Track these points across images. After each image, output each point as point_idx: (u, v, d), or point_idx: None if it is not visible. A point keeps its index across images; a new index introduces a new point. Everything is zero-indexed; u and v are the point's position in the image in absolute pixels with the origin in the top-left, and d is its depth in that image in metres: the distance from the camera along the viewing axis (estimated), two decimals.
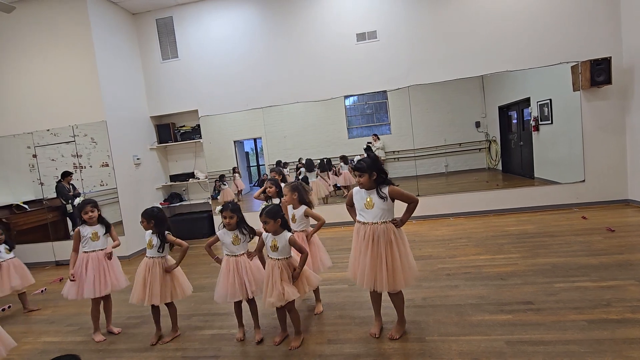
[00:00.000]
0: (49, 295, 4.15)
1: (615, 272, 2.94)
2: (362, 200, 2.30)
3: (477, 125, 6.30)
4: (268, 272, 2.39)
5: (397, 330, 2.38)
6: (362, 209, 2.31)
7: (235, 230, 2.52)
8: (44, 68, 5.32)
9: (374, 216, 2.25)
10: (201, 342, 2.64)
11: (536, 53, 5.12)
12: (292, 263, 2.42)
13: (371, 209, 2.26)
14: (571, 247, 3.62)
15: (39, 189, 5.65)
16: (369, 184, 2.26)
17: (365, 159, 2.28)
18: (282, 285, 2.31)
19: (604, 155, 5.07)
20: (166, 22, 6.08)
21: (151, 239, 2.67)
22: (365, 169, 2.24)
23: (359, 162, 2.28)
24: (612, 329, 2.18)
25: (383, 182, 2.27)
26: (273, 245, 2.37)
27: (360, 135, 6.75)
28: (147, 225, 2.67)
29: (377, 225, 2.24)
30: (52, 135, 5.48)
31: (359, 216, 2.35)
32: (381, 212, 2.24)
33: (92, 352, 2.68)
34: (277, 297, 2.28)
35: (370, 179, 2.25)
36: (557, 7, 5.05)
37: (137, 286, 2.64)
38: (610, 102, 5.00)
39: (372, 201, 2.26)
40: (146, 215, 2.68)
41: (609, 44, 4.92)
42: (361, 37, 5.62)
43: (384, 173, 2.28)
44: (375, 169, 2.25)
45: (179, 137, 6.34)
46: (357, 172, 2.28)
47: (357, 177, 2.29)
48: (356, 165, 2.28)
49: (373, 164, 2.26)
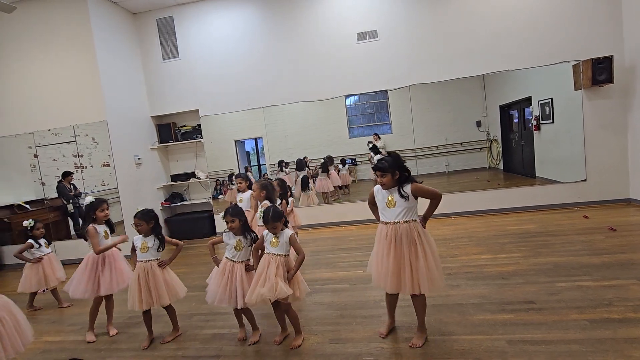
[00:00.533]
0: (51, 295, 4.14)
1: (617, 272, 2.94)
2: (383, 199, 2.22)
3: (478, 125, 6.30)
4: (263, 265, 2.34)
5: (419, 338, 2.25)
6: (383, 208, 2.23)
7: (240, 235, 2.49)
8: (45, 68, 5.33)
9: (396, 215, 2.17)
10: (202, 341, 2.64)
11: (537, 52, 5.11)
12: (289, 262, 2.40)
13: (393, 207, 2.17)
14: (573, 247, 3.61)
15: (40, 189, 5.66)
16: (391, 184, 2.16)
17: (387, 158, 2.17)
18: (276, 280, 2.26)
19: (606, 154, 5.06)
20: (167, 22, 6.08)
21: (145, 242, 2.61)
22: (388, 169, 2.14)
23: (380, 161, 2.17)
24: (614, 329, 2.17)
25: (406, 180, 2.17)
26: (274, 241, 2.37)
27: (361, 134, 6.74)
28: (145, 227, 2.60)
29: (400, 224, 2.16)
30: (53, 135, 5.48)
31: (381, 216, 2.27)
32: (404, 211, 2.15)
33: (94, 351, 2.69)
34: (268, 289, 2.22)
35: (393, 179, 2.15)
36: (558, 5, 5.03)
37: (136, 292, 2.56)
38: (612, 101, 4.98)
39: (394, 199, 2.17)
40: (145, 216, 2.61)
41: (610, 42, 4.90)
42: (362, 36, 5.61)
43: (406, 171, 2.18)
44: (397, 168, 2.15)
45: (180, 137, 6.34)
46: (379, 172, 2.18)
47: (378, 177, 2.19)
48: (377, 165, 2.18)
49: (395, 162, 2.15)
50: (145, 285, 2.57)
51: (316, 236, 5.26)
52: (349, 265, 3.89)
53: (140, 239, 2.65)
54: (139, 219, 2.61)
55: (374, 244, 2.32)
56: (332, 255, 4.30)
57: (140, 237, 2.65)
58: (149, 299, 2.58)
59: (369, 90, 5.80)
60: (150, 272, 2.60)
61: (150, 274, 2.59)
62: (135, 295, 2.56)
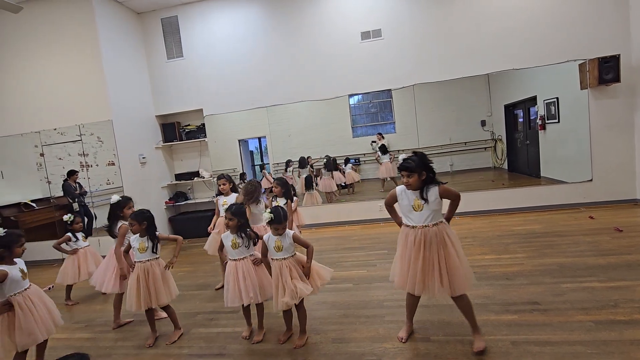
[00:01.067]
0: (57, 292, 4.19)
1: (624, 273, 2.91)
2: (408, 202, 2.13)
3: (483, 124, 6.26)
4: (276, 274, 2.34)
5: (480, 340, 2.13)
6: (409, 212, 2.14)
7: (235, 234, 2.50)
8: (50, 68, 5.37)
9: (425, 219, 2.08)
10: (206, 340, 2.66)
11: (543, 51, 5.07)
12: (300, 259, 2.41)
13: (420, 211, 2.09)
14: (578, 247, 3.59)
15: (46, 188, 5.72)
16: (417, 185, 2.08)
17: (413, 157, 2.08)
18: (293, 283, 2.28)
19: (612, 154, 5.01)
20: (171, 22, 6.10)
21: (142, 242, 2.61)
22: (415, 169, 2.05)
23: (406, 160, 2.09)
24: (619, 330, 2.16)
25: (431, 182, 2.08)
26: (277, 246, 2.36)
27: (365, 134, 6.73)
28: (138, 227, 2.58)
29: (429, 228, 2.08)
30: (59, 134, 5.53)
31: (405, 219, 2.17)
32: (432, 214, 2.08)
33: (99, 349, 2.71)
34: (290, 296, 2.26)
35: (419, 179, 2.07)
36: (564, 4, 4.98)
37: (135, 293, 2.57)
38: (618, 101, 4.93)
39: (421, 203, 2.08)
40: (138, 217, 2.58)
41: (617, 41, 4.85)
42: (366, 35, 5.59)
43: (432, 172, 2.09)
44: (424, 168, 2.06)
45: (184, 136, 6.37)
46: (405, 172, 2.08)
47: (404, 178, 2.11)
48: (404, 165, 2.09)
49: (422, 162, 2.06)
50: (144, 286, 2.58)
51: (319, 235, 5.27)
52: (352, 265, 3.89)
53: (137, 239, 2.64)
54: (132, 218, 2.59)
55: (397, 247, 2.24)
56: (335, 254, 4.30)
57: (137, 238, 2.64)
58: (147, 299, 2.58)
59: (372, 90, 5.78)
60: (150, 271, 2.60)
61: (150, 273, 2.60)
62: (134, 296, 2.57)
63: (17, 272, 2.27)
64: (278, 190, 3.59)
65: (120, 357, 2.57)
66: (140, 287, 2.57)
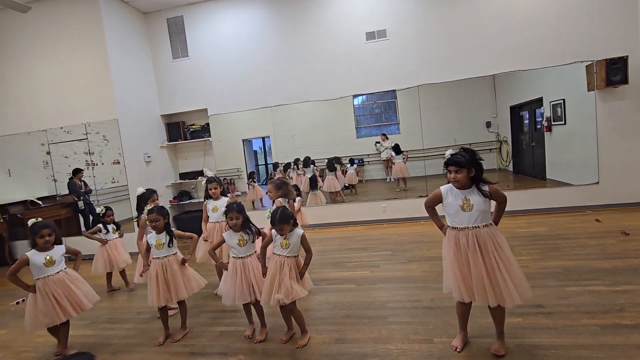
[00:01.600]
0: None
1: (630, 277, 2.88)
2: (456, 201, 2.01)
3: (488, 126, 6.22)
4: (275, 268, 2.35)
5: (502, 345, 2.10)
6: (456, 212, 2.01)
7: (241, 231, 2.51)
8: (57, 67, 5.42)
9: (474, 219, 1.97)
10: (209, 338, 2.67)
11: (549, 52, 5.03)
12: (298, 263, 2.42)
13: (470, 211, 1.97)
14: (584, 250, 3.55)
15: (52, 186, 5.77)
16: (464, 182, 1.99)
17: (463, 153, 1.99)
18: (290, 283, 2.29)
19: (619, 156, 4.96)
20: (177, 21, 6.13)
21: (159, 238, 2.66)
22: (465, 164, 1.95)
23: (456, 155, 1.99)
24: (625, 335, 2.13)
25: (479, 180, 1.99)
26: (284, 243, 2.36)
27: (369, 134, 6.72)
28: (162, 222, 2.65)
29: (480, 229, 1.96)
30: (66, 132, 5.58)
31: (450, 220, 2.05)
32: (481, 215, 1.97)
33: (104, 346, 2.73)
34: (285, 294, 2.27)
35: (468, 176, 1.97)
36: (571, 4, 4.94)
37: (154, 289, 2.61)
38: (626, 102, 4.88)
39: (471, 202, 1.97)
40: (161, 211, 2.67)
41: (625, 42, 4.79)
42: (370, 36, 5.59)
43: (481, 169, 2.00)
44: (474, 165, 1.97)
45: (189, 136, 6.40)
46: (454, 168, 1.98)
47: (451, 174, 2.00)
48: (453, 159, 1.98)
49: (472, 158, 1.97)
50: (163, 281, 2.61)
51: (323, 236, 5.26)
52: (356, 265, 3.88)
53: (154, 236, 2.68)
54: (156, 214, 2.64)
55: (445, 255, 2.11)
56: (338, 255, 4.30)
57: (154, 235, 2.68)
58: (167, 295, 2.62)
59: (377, 90, 5.77)
60: (169, 267, 2.64)
61: (168, 269, 2.64)
62: (154, 291, 2.61)
63: (40, 259, 2.52)
64: (273, 194, 3.20)
65: (124, 354, 2.58)
66: (159, 283, 2.61)
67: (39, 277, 2.51)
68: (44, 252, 2.56)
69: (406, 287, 3.17)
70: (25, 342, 2.94)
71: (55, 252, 2.59)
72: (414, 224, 5.30)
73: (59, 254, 2.61)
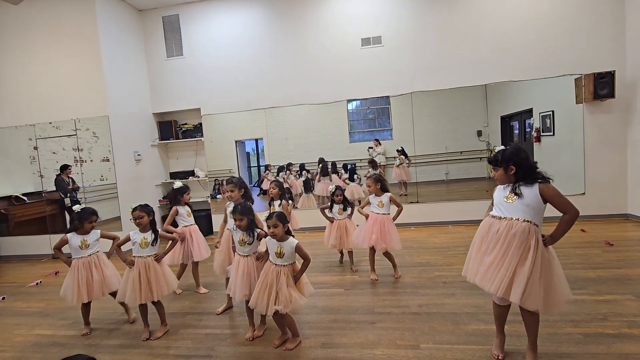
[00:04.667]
0: (44, 288, 4.13)
1: (613, 287, 2.93)
2: (503, 192, 1.98)
3: (479, 134, 6.30)
4: (272, 278, 2.33)
5: (533, 358, 2.00)
6: (500, 202, 1.96)
7: (244, 231, 2.51)
8: (48, 61, 5.34)
9: (514, 211, 1.88)
10: (194, 341, 2.63)
11: (540, 64, 5.13)
12: (295, 269, 2.41)
13: (512, 202, 1.90)
14: (569, 260, 3.61)
15: (38, 181, 5.65)
16: (504, 179, 1.95)
17: (502, 150, 1.96)
18: (289, 292, 2.28)
19: (605, 168, 5.07)
20: (172, 20, 6.10)
21: (145, 237, 2.67)
22: (500, 163, 1.93)
23: (497, 153, 1.98)
24: (607, 344, 2.17)
25: (528, 178, 1.89)
26: (279, 251, 2.35)
27: (362, 139, 6.75)
28: (147, 219, 2.68)
29: (516, 221, 1.86)
30: (54, 128, 5.49)
31: (496, 210, 1.98)
32: (524, 209, 1.86)
33: (84, 347, 2.67)
34: (285, 304, 2.26)
35: (506, 174, 1.92)
36: (562, 19, 5.06)
37: (135, 286, 2.59)
38: (612, 116, 5.00)
39: (515, 196, 1.91)
40: (146, 208, 2.70)
41: (613, 57, 4.93)
42: (366, 41, 5.63)
43: (527, 167, 1.89)
44: (514, 162, 1.90)
45: (181, 135, 6.34)
46: (492, 165, 1.98)
47: (493, 171, 2.00)
48: (492, 157, 1.99)
49: (512, 155, 1.90)
50: (145, 280, 2.61)
51: (313, 239, 5.25)
52: (344, 270, 3.88)
53: (139, 234, 2.69)
54: (139, 211, 2.67)
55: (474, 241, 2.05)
56: (328, 259, 4.28)
57: (139, 233, 2.69)
58: (148, 293, 2.61)
59: (371, 96, 5.81)
60: (152, 266, 2.64)
61: (151, 268, 2.63)
62: (137, 290, 2.59)
63: (76, 241, 2.78)
64: (276, 192, 3.60)
65: (105, 355, 2.53)
66: (142, 282, 2.60)
67: (75, 257, 2.78)
68: (81, 236, 2.79)
69: (394, 292, 3.18)
70: (3, 341, 2.86)
71: (90, 237, 2.82)
72: (404, 230, 5.32)
73: (93, 239, 2.83)
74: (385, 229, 3.32)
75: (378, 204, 3.38)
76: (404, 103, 5.71)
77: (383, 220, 3.38)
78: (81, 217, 2.78)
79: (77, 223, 2.79)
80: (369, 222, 3.44)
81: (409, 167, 6.07)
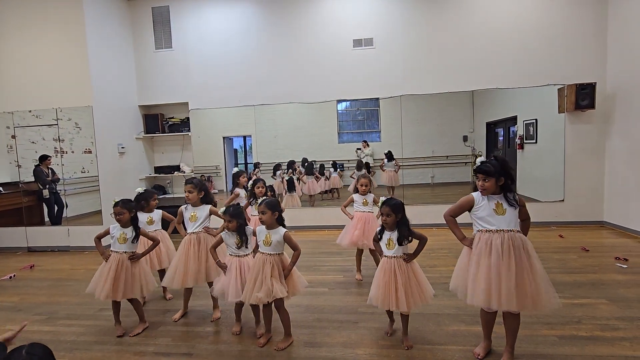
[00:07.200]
0: (18, 282, 3.99)
1: (588, 291, 3.03)
2: (489, 205, 1.99)
3: (465, 139, 6.43)
4: (258, 266, 2.32)
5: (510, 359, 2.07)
6: (489, 215, 1.98)
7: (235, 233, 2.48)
8: (30, 47, 5.15)
9: (509, 222, 1.96)
10: (174, 338, 2.58)
11: (525, 73, 5.27)
12: (284, 261, 2.39)
13: (503, 215, 1.96)
14: (547, 264, 3.70)
15: (15, 172, 5.45)
16: (493, 190, 1.99)
17: (493, 161, 1.98)
18: (271, 282, 2.26)
19: (584, 177, 5.24)
20: (162, 11, 5.98)
21: (124, 232, 2.59)
22: (493, 173, 1.94)
23: (485, 164, 1.98)
24: (581, 346, 2.24)
25: (509, 189, 1.98)
26: (266, 240, 2.34)
27: (351, 140, 6.78)
28: (127, 216, 2.59)
29: (514, 233, 1.95)
30: (34, 116, 5.30)
31: (484, 224, 2.01)
32: (515, 220, 1.97)
33: (61, 343, 2.58)
34: (265, 293, 2.23)
35: (496, 185, 1.97)
36: (548, 30, 5.21)
37: (106, 281, 2.50)
38: (592, 126, 5.18)
39: (504, 206, 1.97)
40: (127, 205, 2.61)
41: (594, 70, 5.10)
42: (358, 43, 5.66)
43: (512, 179, 1.99)
44: (503, 173, 1.95)
45: (167, 129, 6.23)
46: (481, 175, 1.98)
47: (480, 181, 2.01)
48: (481, 168, 1.98)
49: (502, 167, 1.95)
50: (120, 277, 2.53)
51: (298, 238, 5.19)
52: (329, 269, 3.88)
53: (118, 229, 2.62)
54: (120, 207, 2.58)
55: (463, 259, 2.12)
56: (312, 258, 4.28)
57: (119, 228, 2.62)
58: (116, 291, 2.52)
59: (361, 97, 5.85)
60: (125, 264, 2.57)
61: (124, 266, 2.56)
62: (110, 285, 2.50)
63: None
64: (263, 190, 3.59)
65: (82, 352, 2.46)
66: (117, 279, 2.52)
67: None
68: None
69: None
70: None
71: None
72: None
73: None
74: (369, 226, 3.35)
75: (363, 202, 3.46)
76: (393, 106, 5.77)
77: (368, 218, 3.42)
78: (147, 196, 3.07)
79: (143, 203, 3.01)
80: (353, 221, 3.47)
81: (397, 172, 6.13)
